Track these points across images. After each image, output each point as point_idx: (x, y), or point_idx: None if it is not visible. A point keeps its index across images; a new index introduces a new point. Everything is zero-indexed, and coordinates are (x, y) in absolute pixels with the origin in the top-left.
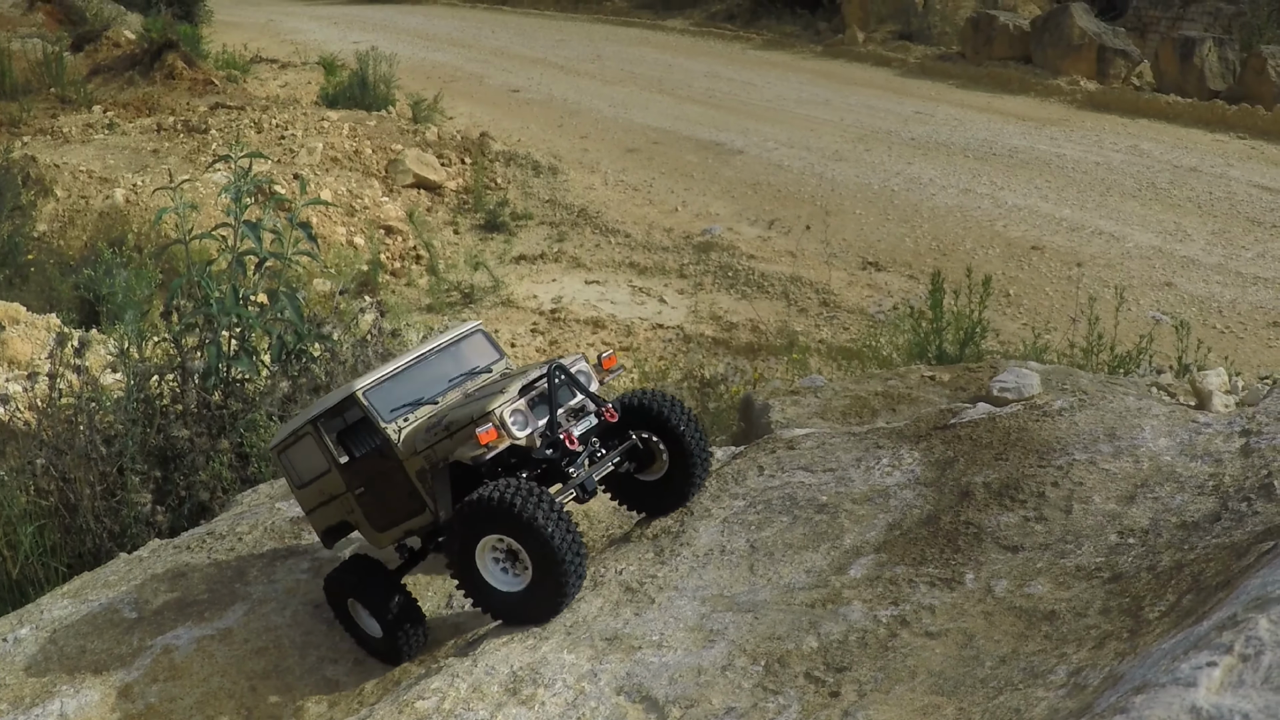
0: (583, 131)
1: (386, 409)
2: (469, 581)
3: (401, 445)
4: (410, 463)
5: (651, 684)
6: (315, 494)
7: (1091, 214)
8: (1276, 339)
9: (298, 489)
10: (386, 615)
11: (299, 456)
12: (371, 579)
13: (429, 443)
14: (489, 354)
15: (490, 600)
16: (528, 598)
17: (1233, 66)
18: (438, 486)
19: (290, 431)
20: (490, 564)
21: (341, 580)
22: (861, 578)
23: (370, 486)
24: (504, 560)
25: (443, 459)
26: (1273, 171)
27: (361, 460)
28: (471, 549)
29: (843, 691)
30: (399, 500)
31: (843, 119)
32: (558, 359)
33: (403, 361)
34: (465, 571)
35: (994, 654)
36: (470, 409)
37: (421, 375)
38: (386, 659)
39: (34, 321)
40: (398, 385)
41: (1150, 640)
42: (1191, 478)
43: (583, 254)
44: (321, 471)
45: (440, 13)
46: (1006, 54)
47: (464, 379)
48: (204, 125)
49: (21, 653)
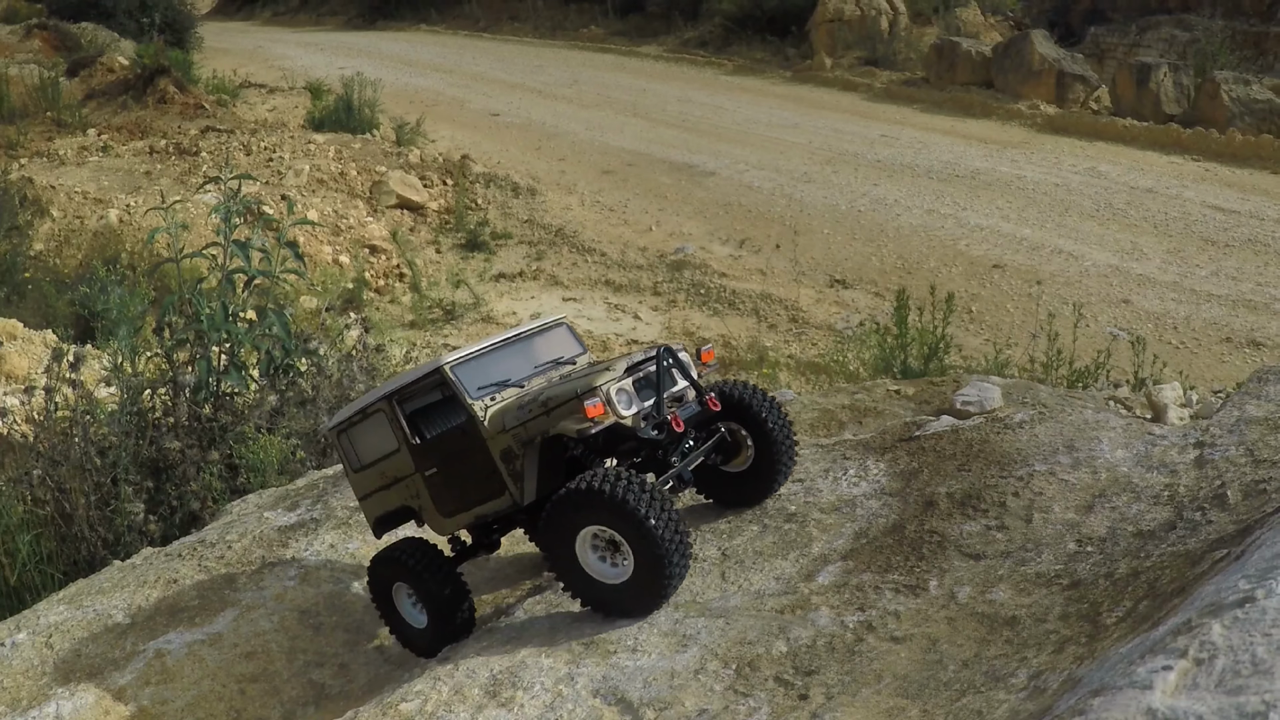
0: (560, 154)
1: (473, 386)
2: (567, 571)
3: (488, 423)
4: (495, 441)
5: (626, 687)
6: (376, 477)
7: (1051, 233)
8: (1229, 354)
9: (355, 472)
10: (437, 604)
11: (363, 436)
12: (428, 564)
13: (520, 420)
14: (572, 347)
15: (589, 591)
16: (628, 589)
17: (1187, 91)
18: (525, 467)
19: (357, 410)
20: (590, 554)
21: (392, 561)
22: (829, 584)
23: (444, 468)
24: (604, 551)
25: (535, 437)
26: (1226, 192)
27: (437, 440)
28: (571, 539)
29: (811, 694)
30: (476, 482)
31: (811, 142)
32: (664, 344)
33: (490, 342)
34: (563, 561)
35: (957, 658)
36: (573, 385)
37: (506, 359)
38: (423, 650)
39: (31, 337)
40: (484, 365)
41: (1108, 645)
42: (1147, 488)
43: (560, 272)
44: (388, 452)
45: (422, 39)
46: (969, 79)
47: (549, 367)
48: (195, 148)
49: (19, 656)
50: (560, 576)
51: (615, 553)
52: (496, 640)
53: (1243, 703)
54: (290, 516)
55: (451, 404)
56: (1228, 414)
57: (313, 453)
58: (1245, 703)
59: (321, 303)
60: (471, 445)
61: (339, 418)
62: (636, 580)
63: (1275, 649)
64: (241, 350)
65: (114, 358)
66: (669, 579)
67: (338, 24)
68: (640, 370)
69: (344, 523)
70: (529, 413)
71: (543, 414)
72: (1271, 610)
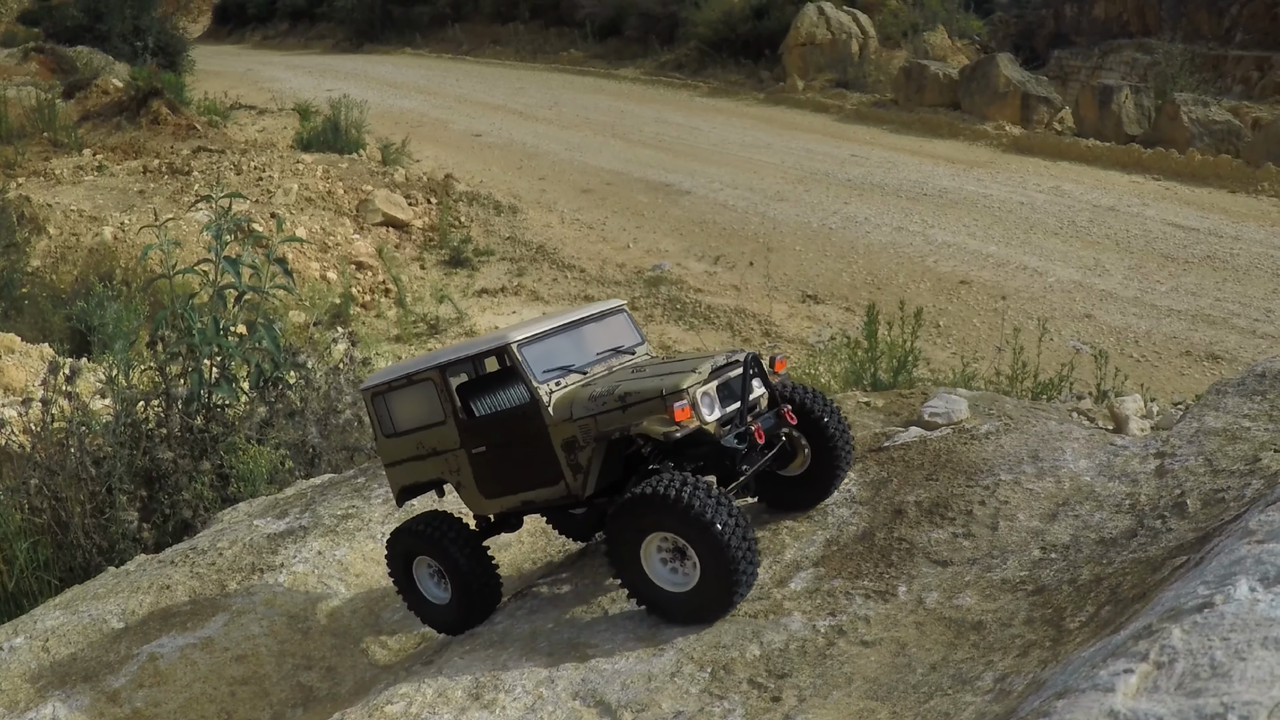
0: (540, 173)
1: (540, 368)
2: (631, 577)
3: (553, 409)
4: (559, 429)
5: (605, 689)
6: (410, 446)
7: (1016, 250)
8: (1189, 367)
9: (386, 437)
10: (464, 579)
11: (402, 403)
12: (452, 537)
13: (591, 411)
14: (631, 335)
15: (653, 597)
16: (694, 597)
17: (1148, 113)
18: (590, 460)
19: (402, 375)
20: (655, 560)
21: (415, 534)
22: (801, 590)
23: (495, 449)
24: (670, 558)
25: (606, 432)
26: (1185, 210)
27: (491, 419)
28: (637, 544)
29: (784, 696)
30: (529, 468)
31: (784, 162)
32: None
33: (557, 322)
34: (628, 567)
35: (925, 661)
36: (656, 383)
37: (568, 342)
38: (446, 627)
39: (28, 351)
40: (549, 347)
41: (1071, 649)
42: (1109, 497)
43: (541, 287)
44: (431, 423)
45: (407, 63)
46: (937, 101)
47: (609, 355)
48: (187, 167)
49: (17, 660)
50: (623, 581)
51: (681, 560)
52: (479, 644)
53: (1202, 705)
54: (279, 524)
55: (505, 382)
56: (1187, 425)
57: (301, 463)
58: (1204, 705)
59: (310, 317)
60: (531, 430)
61: (377, 379)
62: (702, 588)
63: (1233, 653)
64: (232, 363)
65: (109, 370)
66: (736, 588)
67: (325, 47)
68: (722, 375)
69: (331, 530)
70: (602, 405)
71: (618, 409)
72: (1229, 615)
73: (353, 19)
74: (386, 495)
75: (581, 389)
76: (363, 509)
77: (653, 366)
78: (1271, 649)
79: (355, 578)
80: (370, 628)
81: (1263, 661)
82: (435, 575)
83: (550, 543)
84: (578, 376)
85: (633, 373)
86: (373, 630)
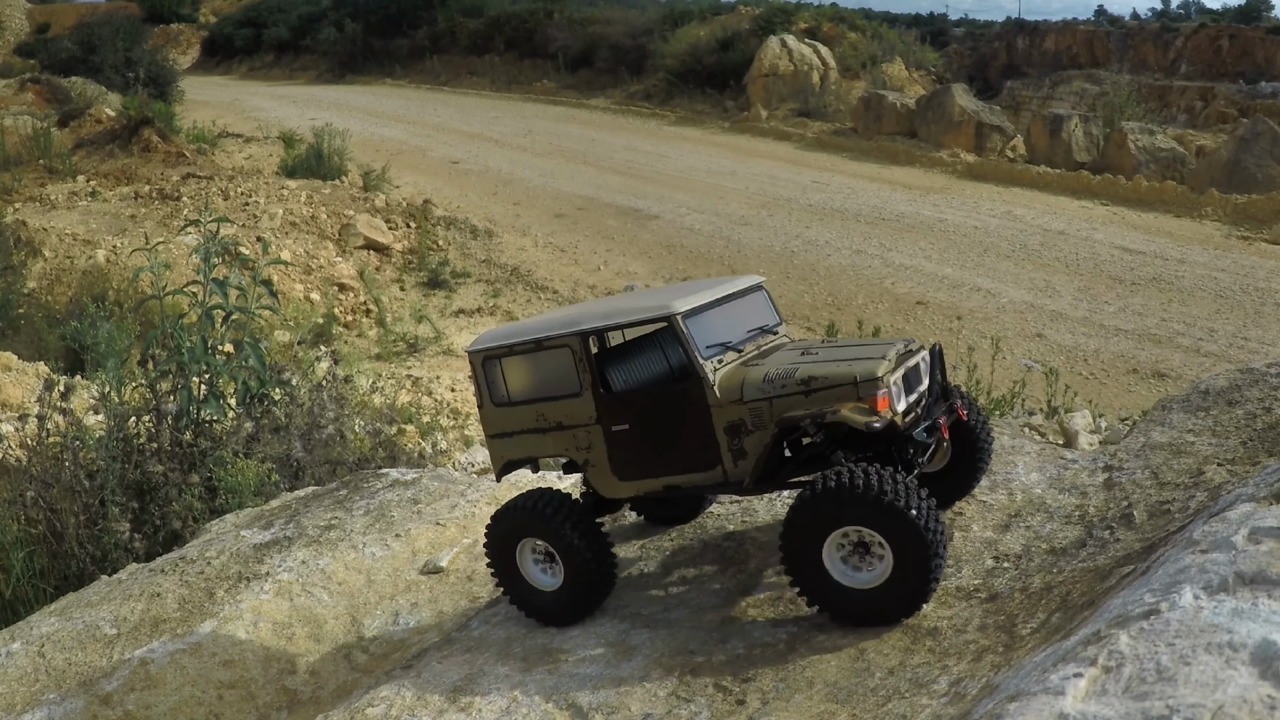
0: (515, 199)
1: (703, 343)
2: (808, 575)
3: (719, 389)
4: (724, 411)
5: (577, 693)
6: (528, 417)
7: (970, 272)
8: (1136, 384)
9: (496, 406)
10: (579, 561)
11: (523, 369)
12: (568, 516)
13: (766, 394)
14: (771, 314)
15: (832, 597)
16: (880, 595)
17: (1097, 141)
18: (756, 446)
19: (528, 338)
20: (835, 557)
21: (524, 513)
22: (765, 598)
23: (640, 427)
24: (851, 553)
25: (791, 418)
26: (1132, 235)
27: (639, 394)
28: (820, 540)
29: (748, 699)
30: (681, 450)
31: (748, 187)
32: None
33: (715, 294)
34: (806, 564)
35: (883, 666)
36: (844, 368)
37: (724, 318)
38: (553, 618)
39: (24, 368)
40: (708, 320)
41: (1023, 654)
42: (1060, 508)
43: (515, 308)
44: (562, 394)
45: (387, 93)
46: (894, 129)
47: (757, 334)
48: (176, 193)
49: (14, 665)
50: (796, 579)
51: (864, 555)
52: (456, 650)
53: (1148, 707)
54: (265, 535)
55: (642, 352)
56: (1134, 440)
57: (286, 476)
58: (1150, 708)
59: (294, 337)
60: (688, 409)
61: (491, 340)
62: (893, 583)
63: (1178, 658)
64: (220, 381)
65: (102, 388)
66: (932, 580)
67: (309, 78)
68: (904, 364)
69: (315, 541)
70: (780, 388)
71: (799, 393)
72: (1175, 622)
73: (335, 51)
74: (367, 507)
75: (746, 369)
76: (345, 520)
77: (824, 350)
78: (1214, 654)
79: (338, 586)
80: (352, 634)
81: (1206, 666)
82: (543, 560)
83: None
84: (734, 355)
85: (801, 355)
86: (354, 636)
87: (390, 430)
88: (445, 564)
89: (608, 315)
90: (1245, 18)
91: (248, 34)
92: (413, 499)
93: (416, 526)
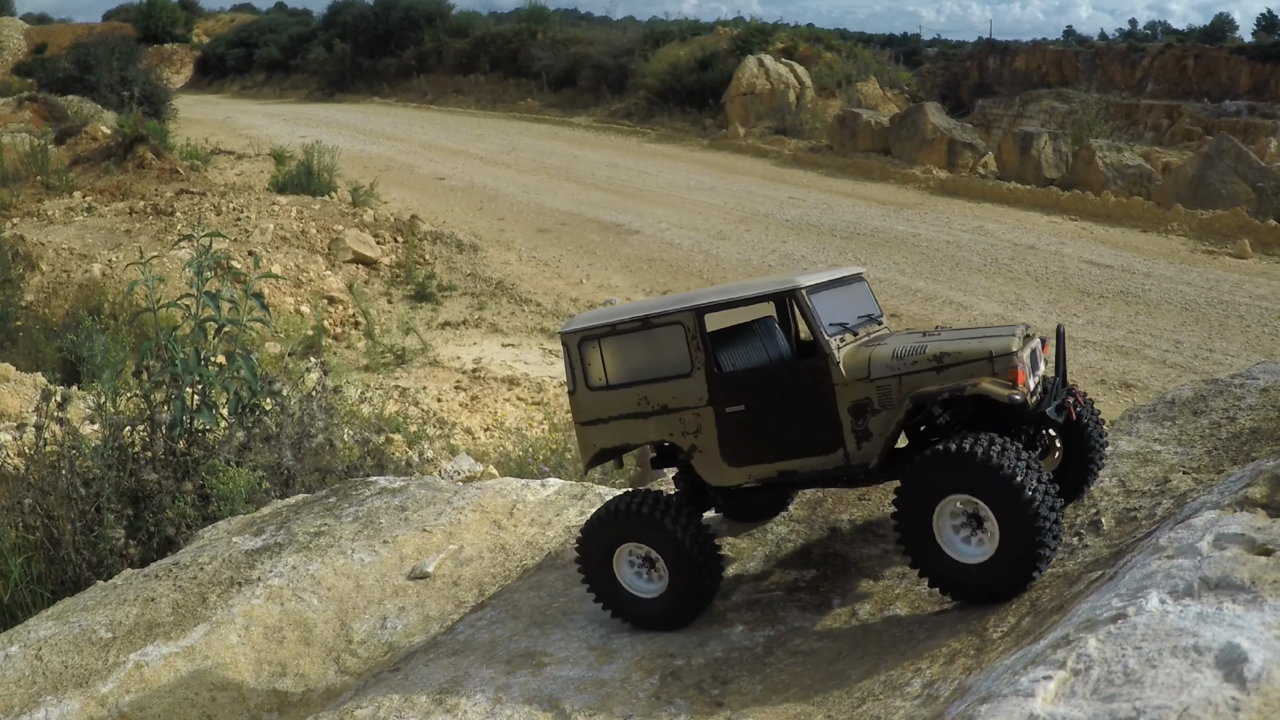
0: (500, 214)
1: (827, 321)
2: (921, 547)
3: (844, 367)
4: (849, 390)
5: (560, 694)
6: (628, 401)
7: (943, 285)
8: (1103, 395)
9: (591, 390)
10: (687, 562)
11: (625, 350)
12: (674, 517)
13: (895, 371)
14: (874, 305)
15: (942, 570)
16: (990, 569)
17: (1066, 158)
18: (882, 426)
19: (635, 316)
20: (948, 528)
21: (623, 516)
22: (743, 602)
23: (757, 408)
24: (963, 526)
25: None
26: (1100, 249)
27: (755, 374)
28: (932, 507)
29: (727, 701)
30: (801, 432)
31: (726, 203)
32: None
33: (832, 276)
34: (919, 536)
35: (858, 668)
36: (976, 344)
37: (839, 300)
38: (654, 622)
39: (22, 379)
40: (828, 299)
41: (994, 657)
42: None
43: (500, 320)
44: (671, 375)
45: (375, 111)
46: (869, 146)
47: (865, 320)
48: (170, 209)
49: (12, 668)
50: (910, 550)
51: (977, 528)
52: (442, 653)
53: (1115, 709)
54: (256, 541)
55: (749, 342)
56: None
57: (276, 484)
58: (1118, 709)
59: (285, 348)
60: (810, 388)
61: (589, 321)
62: (1001, 558)
63: (1145, 661)
64: (212, 391)
65: (97, 398)
66: (1041, 558)
67: (299, 96)
68: (1028, 345)
69: (305, 547)
70: (911, 365)
71: (931, 369)
72: (1141, 626)
73: (325, 70)
74: (356, 514)
75: (869, 348)
76: (334, 527)
77: (946, 333)
78: (1180, 657)
79: (327, 591)
80: (341, 638)
81: (1172, 669)
82: (641, 565)
83: (509, 558)
84: (852, 336)
85: (924, 336)
86: (343, 640)
87: (378, 439)
88: (432, 569)
89: (721, 293)
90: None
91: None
92: (400, 506)
93: (404, 533)
